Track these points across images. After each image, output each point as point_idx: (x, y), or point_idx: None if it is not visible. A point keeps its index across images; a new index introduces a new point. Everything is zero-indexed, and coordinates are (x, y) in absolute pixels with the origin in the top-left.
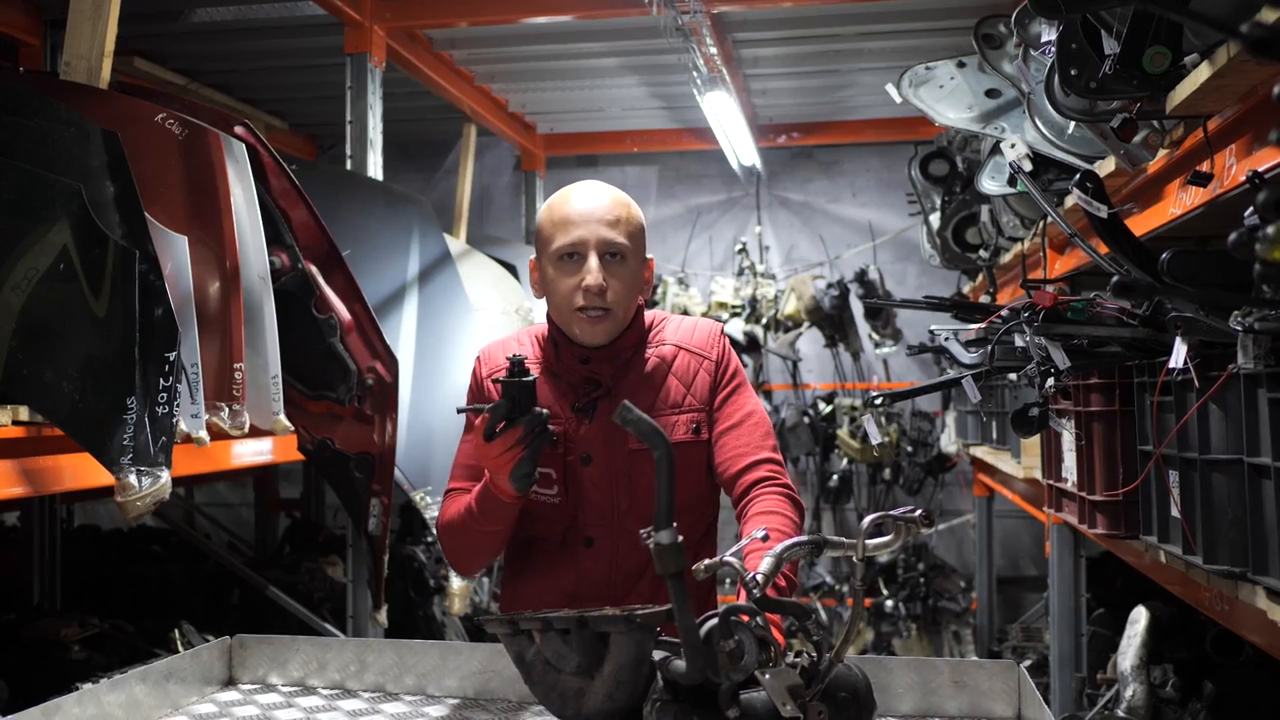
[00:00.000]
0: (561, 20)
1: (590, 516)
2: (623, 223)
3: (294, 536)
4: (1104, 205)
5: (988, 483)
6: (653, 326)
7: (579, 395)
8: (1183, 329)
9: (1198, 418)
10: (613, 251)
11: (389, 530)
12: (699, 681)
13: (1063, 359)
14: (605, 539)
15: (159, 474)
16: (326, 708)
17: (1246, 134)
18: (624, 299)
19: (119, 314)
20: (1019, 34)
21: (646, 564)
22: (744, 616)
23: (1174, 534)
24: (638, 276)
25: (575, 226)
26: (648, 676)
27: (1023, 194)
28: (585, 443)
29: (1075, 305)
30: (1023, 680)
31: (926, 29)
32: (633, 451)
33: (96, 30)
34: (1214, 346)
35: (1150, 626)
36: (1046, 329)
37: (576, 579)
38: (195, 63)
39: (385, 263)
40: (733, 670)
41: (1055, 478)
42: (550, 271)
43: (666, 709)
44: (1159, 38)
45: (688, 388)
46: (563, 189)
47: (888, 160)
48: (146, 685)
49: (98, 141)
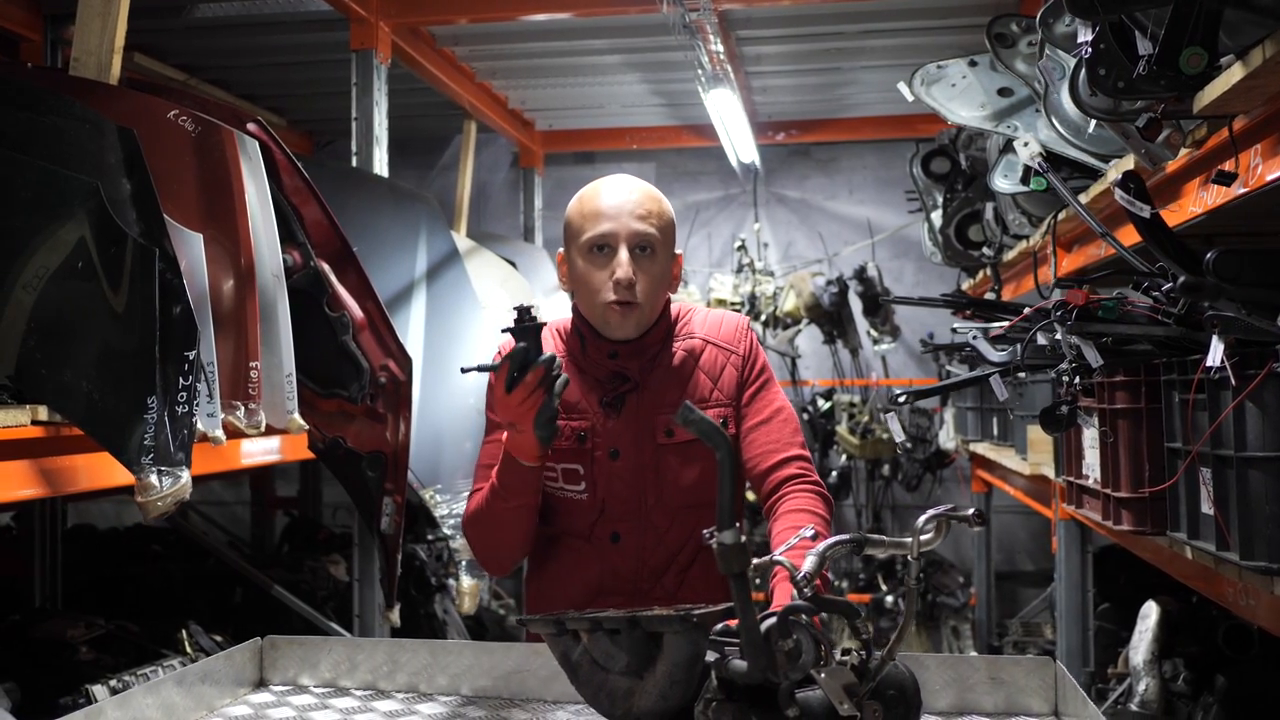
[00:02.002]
0: (565, 17)
1: (617, 511)
2: (653, 216)
3: (293, 535)
4: (1147, 205)
5: (986, 478)
6: (679, 319)
7: (606, 390)
8: (1220, 328)
9: (1234, 415)
10: (643, 245)
11: (401, 528)
12: (759, 681)
13: (1096, 357)
14: (632, 534)
15: (179, 474)
16: (362, 708)
17: (1273, 134)
18: (653, 293)
19: (138, 312)
20: (1043, 33)
21: (671, 559)
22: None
23: (1204, 530)
24: (667, 271)
25: (605, 219)
26: (700, 675)
27: (1034, 192)
28: (613, 437)
29: (1106, 304)
30: (1060, 677)
31: (928, 27)
32: (660, 446)
33: (106, 26)
34: (1249, 345)
35: (1161, 621)
36: (1080, 328)
37: (601, 574)
38: (194, 58)
39: (393, 260)
40: (791, 670)
41: (1076, 474)
42: (580, 264)
43: (724, 709)
44: (1195, 39)
45: (715, 382)
46: (592, 182)
47: (884, 158)
48: (183, 688)
49: (113, 138)
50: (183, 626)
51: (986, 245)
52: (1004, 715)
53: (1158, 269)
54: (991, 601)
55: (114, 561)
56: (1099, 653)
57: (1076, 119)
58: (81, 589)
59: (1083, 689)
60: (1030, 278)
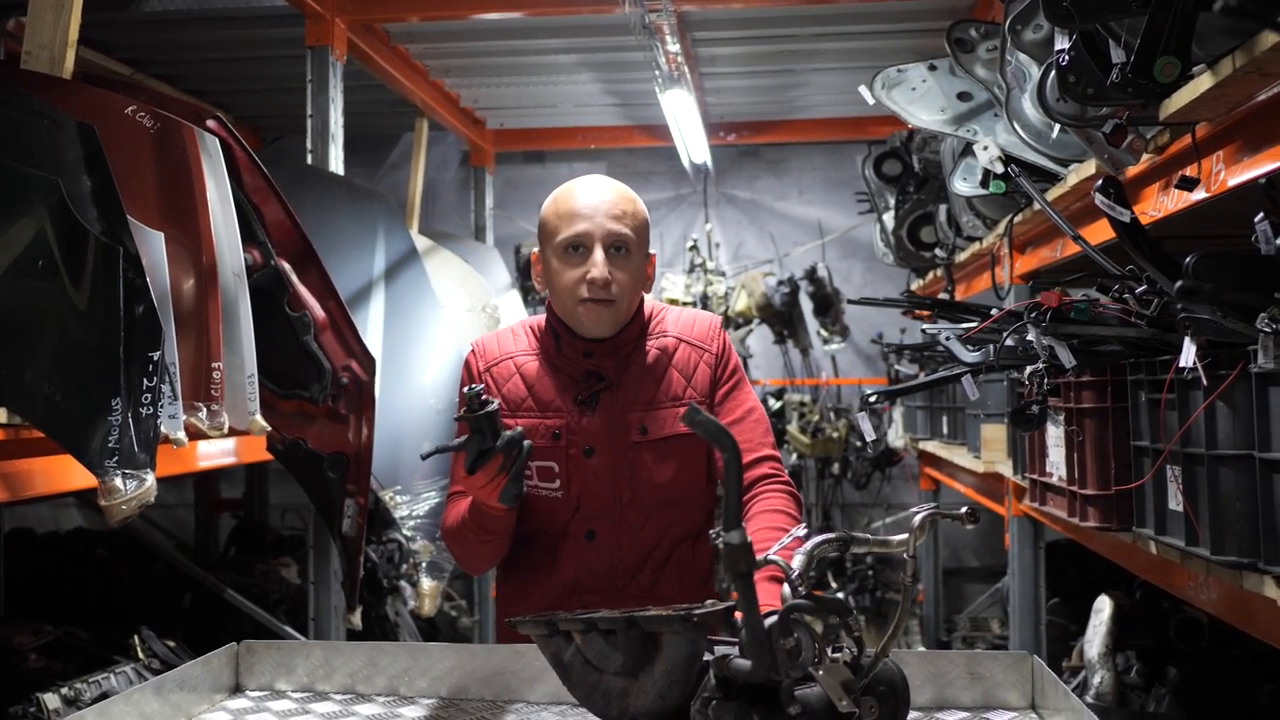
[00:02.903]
0: (519, 16)
1: (592, 509)
2: (628, 216)
3: (240, 538)
4: (1127, 210)
5: (935, 476)
6: (652, 318)
7: (581, 388)
8: (1192, 329)
9: (1205, 414)
10: (618, 244)
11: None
12: (762, 680)
13: (1069, 358)
14: (607, 531)
15: (144, 476)
16: (343, 713)
17: (1236, 141)
18: (628, 291)
19: (101, 312)
20: (1011, 40)
21: (647, 555)
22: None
23: (1172, 526)
24: (641, 270)
25: (580, 219)
26: (698, 675)
27: (992, 195)
28: (587, 435)
29: (1079, 306)
30: (1038, 671)
31: (882, 31)
32: (635, 444)
33: (60, 18)
34: (1220, 346)
35: (1114, 615)
36: (1055, 329)
37: (577, 572)
38: (140, 52)
39: (350, 260)
40: (791, 668)
41: (1040, 472)
42: (555, 263)
43: (725, 707)
44: (1169, 48)
45: (688, 380)
46: (567, 183)
47: (833, 159)
48: (160, 696)
49: (72, 134)
50: (134, 632)
51: (939, 247)
52: (982, 709)
53: (1128, 271)
54: (939, 598)
55: (56, 566)
56: (1050, 646)
57: (1038, 123)
58: (23, 595)
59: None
60: (980, 278)
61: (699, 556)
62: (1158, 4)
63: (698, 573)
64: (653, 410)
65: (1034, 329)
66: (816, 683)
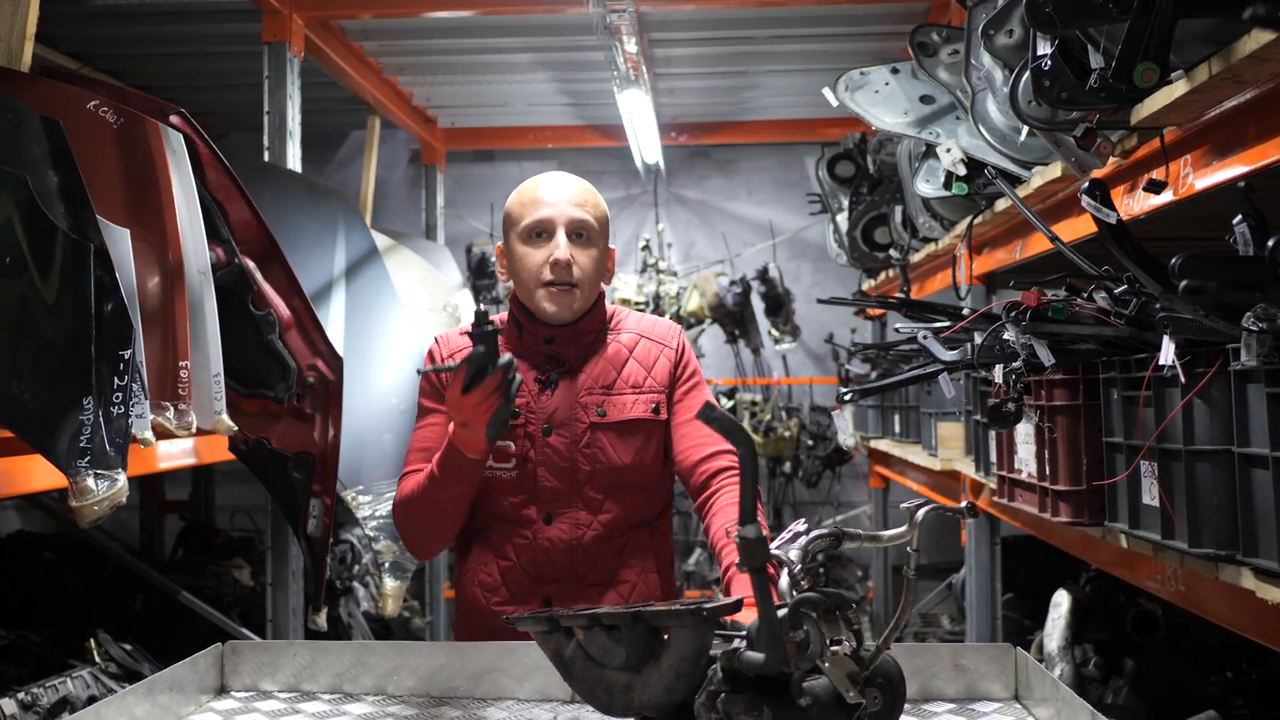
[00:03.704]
0: (476, 15)
1: (549, 491)
2: (590, 205)
3: (188, 540)
4: (1113, 212)
5: (884, 474)
6: (613, 316)
7: (541, 373)
8: (1170, 328)
9: (1183, 411)
10: (580, 230)
11: (329, 530)
12: (774, 672)
13: (1048, 356)
14: (565, 513)
15: (116, 476)
16: (333, 712)
17: (1205, 145)
18: (590, 276)
19: (71, 310)
20: (984, 44)
21: (606, 538)
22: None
23: (1146, 520)
24: (602, 259)
25: (544, 206)
26: (704, 668)
27: (952, 197)
28: (545, 414)
29: (1056, 305)
30: (1021, 662)
31: (837, 34)
32: (593, 425)
33: (18, 10)
34: (1197, 345)
35: (1072, 609)
36: (1034, 328)
37: (535, 559)
38: (88, 47)
39: (310, 258)
40: (800, 660)
41: (1009, 469)
42: (518, 249)
43: (734, 700)
44: (1149, 54)
45: (648, 371)
46: (531, 178)
47: (782, 160)
48: (149, 699)
49: (37, 129)
50: (89, 636)
51: (894, 248)
52: (966, 701)
53: (1104, 271)
54: (889, 594)
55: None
56: (1005, 640)
57: (1002, 126)
58: None
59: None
60: (934, 279)
61: (657, 541)
62: (1139, 11)
63: (658, 559)
64: (612, 395)
65: (1014, 327)
66: (823, 675)
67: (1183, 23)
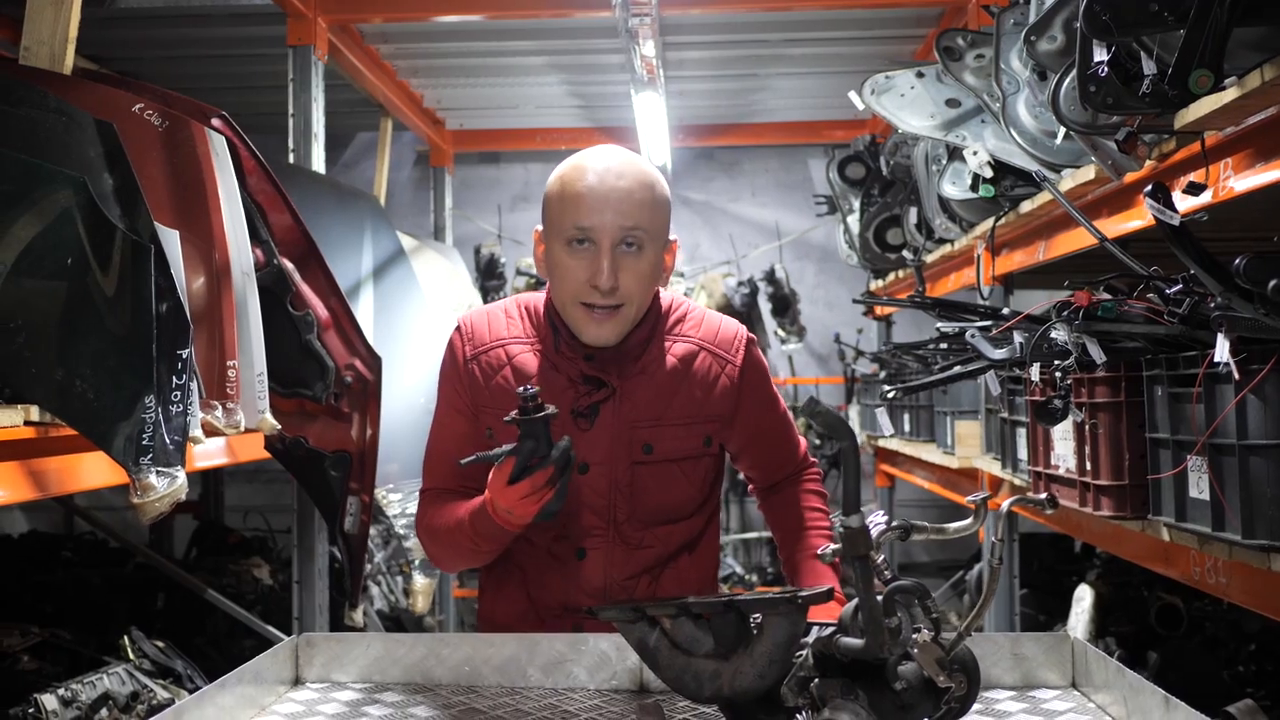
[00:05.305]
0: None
1: (583, 527)
2: (645, 206)
3: (202, 539)
4: (1176, 214)
5: (890, 473)
6: (671, 313)
7: (579, 394)
8: (1225, 327)
9: (1236, 407)
10: (629, 241)
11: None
12: (871, 658)
13: (1099, 354)
14: (599, 549)
15: (176, 474)
16: (409, 703)
17: (1248, 149)
18: (638, 294)
19: (132, 311)
20: (1027, 50)
21: (643, 570)
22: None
23: (1193, 513)
24: (656, 266)
25: (589, 210)
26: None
27: (977, 199)
28: (584, 450)
29: (1106, 305)
30: (1078, 650)
31: (849, 38)
32: (637, 464)
33: (60, 13)
34: (1251, 343)
35: (1096, 603)
36: (1087, 326)
37: (567, 591)
38: (105, 49)
39: (338, 259)
40: (893, 646)
41: (1045, 465)
42: (556, 253)
43: (829, 684)
44: (1204, 61)
45: (704, 395)
46: (579, 156)
47: (786, 161)
48: (233, 691)
49: (91, 132)
50: (122, 633)
51: (906, 249)
52: (1024, 689)
53: (1153, 271)
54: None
55: (16, 570)
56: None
57: (1033, 129)
58: None
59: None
60: (947, 279)
61: (698, 563)
62: (1195, 19)
63: (699, 575)
64: (660, 427)
65: (1065, 326)
66: (913, 660)
67: (1235, 31)
